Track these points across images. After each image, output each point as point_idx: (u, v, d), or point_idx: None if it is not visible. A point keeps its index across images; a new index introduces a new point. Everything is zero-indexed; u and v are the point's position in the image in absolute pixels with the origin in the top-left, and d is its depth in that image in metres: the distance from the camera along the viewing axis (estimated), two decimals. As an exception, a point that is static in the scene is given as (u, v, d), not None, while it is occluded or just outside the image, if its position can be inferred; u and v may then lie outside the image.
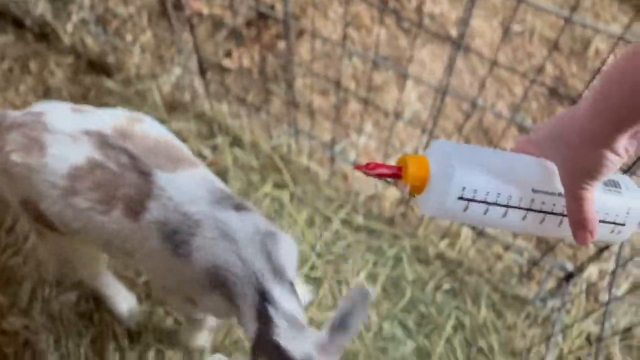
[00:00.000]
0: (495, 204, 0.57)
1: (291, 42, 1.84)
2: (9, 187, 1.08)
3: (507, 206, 0.58)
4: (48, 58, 1.87)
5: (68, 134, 1.02)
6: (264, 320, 0.93)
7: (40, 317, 1.44)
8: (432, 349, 1.43)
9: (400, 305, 1.49)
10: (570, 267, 1.49)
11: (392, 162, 1.69)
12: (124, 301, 1.43)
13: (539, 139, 0.61)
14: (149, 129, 1.09)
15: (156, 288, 1.44)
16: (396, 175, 0.58)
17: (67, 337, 1.43)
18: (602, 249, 1.32)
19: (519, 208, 0.58)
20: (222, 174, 1.65)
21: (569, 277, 1.48)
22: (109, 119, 1.07)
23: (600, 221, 0.60)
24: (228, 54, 1.86)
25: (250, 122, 1.71)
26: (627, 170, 1.03)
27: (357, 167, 0.58)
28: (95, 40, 1.85)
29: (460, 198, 0.56)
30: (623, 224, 0.62)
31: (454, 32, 1.94)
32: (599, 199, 0.59)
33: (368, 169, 0.57)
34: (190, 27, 1.49)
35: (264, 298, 0.94)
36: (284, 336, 0.90)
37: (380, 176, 0.58)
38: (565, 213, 0.59)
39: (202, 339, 1.37)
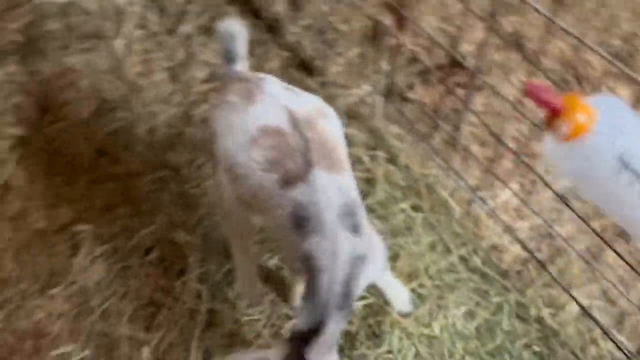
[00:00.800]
0: None
1: (471, 93, 2.04)
2: (214, 124, 1.38)
3: None
4: (270, 48, 2.28)
5: (274, 100, 1.32)
6: (310, 333, 1.12)
7: (199, 238, 1.80)
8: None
9: (487, 347, 1.60)
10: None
11: (524, 223, 1.81)
12: (248, 283, 1.67)
13: None
14: (328, 126, 1.33)
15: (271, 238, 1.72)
16: (555, 110, 0.54)
17: (211, 261, 1.77)
18: None
19: None
20: (371, 182, 1.90)
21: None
22: (306, 104, 1.34)
23: None
24: (412, 87, 2.11)
25: (410, 147, 1.94)
26: None
27: (528, 83, 0.54)
28: (311, 44, 2.22)
29: (617, 160, 0.52)
30: None
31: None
32: None
33: (532, 90, 0.54)
34: (391, 56, 1.77)
35: (323, 317, 1.13)
36: (315, 354, 1.10)
37: (540, 102, 0.54)
38: None
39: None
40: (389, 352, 1.61)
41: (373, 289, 1.68)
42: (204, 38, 2.32)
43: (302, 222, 1.21)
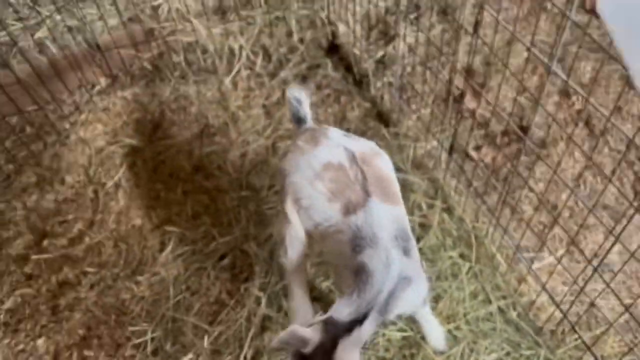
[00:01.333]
0: None
1: (532, 162, 2.19)
2: (286, 164, 1.63)
3: None
4: (354, 98, 2.57)
5: (335, 143, 1.57)
6: (350, 325, 1.29)
7: (266, 252, 2.06)
8: None
9: (510, 395, 1.71)
10: None
11: (565, 287, 1.90)
12: (300, 307, 1.77)
13: None
14: (382, 164, 1.57)
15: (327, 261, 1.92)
16: None
17: (273, 273, 2.01)
18: None
19: None
20: (426, 228, 2.08)
21: None
22: (362, 146, 1.59)
23: None
24: (477, 148, 2.29)
25: (466, 201, 2.10)
26: None
27: None
28: (391, 99, 2.48)
29: None
30: None
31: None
32: None
33: None
34: (459, 117, 1.98)
35: (364, 316, 1.31)
36: (346, 345, 1.27)
37: None
38: None
39: None
40: (419, 383, 1.76)
41: (413, 324, 1.85)
42: (297, 84, 2.65)
43: (359, 242, 1.42)
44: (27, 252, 2.18)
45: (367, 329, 1.31)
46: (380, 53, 2.62)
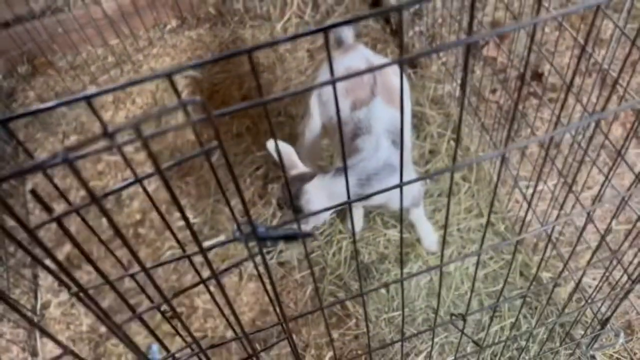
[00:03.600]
0: None
1: (538, 104, 2.38)
2: (318, 70, 1.98)
3: None
4: (389, 45, 2.85)
5: (360, 54, 1.87)
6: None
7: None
8: None
9: (488, 290, 1.96)
10: None
11: (555, 211, 2.10)
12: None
13: None
14: (395, 78, 1.83)
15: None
16: None
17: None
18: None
19: None
20: (434, 153, 2.34)
21: None
22: (383, 61, 1.88)
23: None
24: (494, 91, 2.51)
25: (475, 135, 2.34)
26: None
27: None
28: (420, 45, 2.74)
29: None
30: None
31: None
32: None
33: None
34: (483, 64, 2.22)
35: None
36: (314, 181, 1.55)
37: None
38: None
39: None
40: (408, 273, 2.04)
41: (412, 229, 2.13)
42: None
43: (357, 132, 1.73)
44: (100, 155, 2.64)
45: (338, 184, 1.59)
46: (416, 5, 2.88)
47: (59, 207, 2.13)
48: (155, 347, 0.83)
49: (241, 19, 3.09)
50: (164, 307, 0.79)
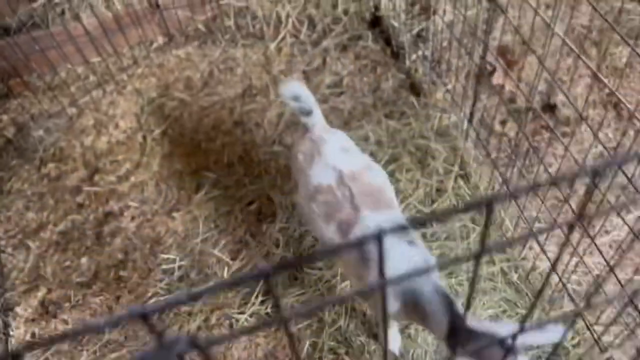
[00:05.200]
0: None
1: (549, 138, 2.24)
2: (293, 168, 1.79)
3: None
4: (390, 69, 2.68)
5: (325, 163, 1.63)
6: None
7: (289, 202, 2.22)
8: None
9: None
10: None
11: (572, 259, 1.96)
12: None
13: None
14: (372, 176, 1.62)
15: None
16: None
17: (293, 222, 2.18)
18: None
19: None
20: (440, 192, 2.18)
21: None
22: (353, 164, 1.63)
23: None
24: (503, 122, 2.36)
25: (484, 171, 2.19)
26: None
27: None
28: (423, 70, 2.57)
29: None
30: None
31: None
32: None
33: None
34: (487, 93, 2.06)
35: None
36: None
37: None
38: None
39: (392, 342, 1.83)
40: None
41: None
42: (338, 53, 2.79)
43: (366, 256, 1.48)
44: (80, 185, 2.44)
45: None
46: (419, 27, 2.72)
47: (34, 244, 1.90)
48: None
49: (232, 37, 2.90)
50: None
